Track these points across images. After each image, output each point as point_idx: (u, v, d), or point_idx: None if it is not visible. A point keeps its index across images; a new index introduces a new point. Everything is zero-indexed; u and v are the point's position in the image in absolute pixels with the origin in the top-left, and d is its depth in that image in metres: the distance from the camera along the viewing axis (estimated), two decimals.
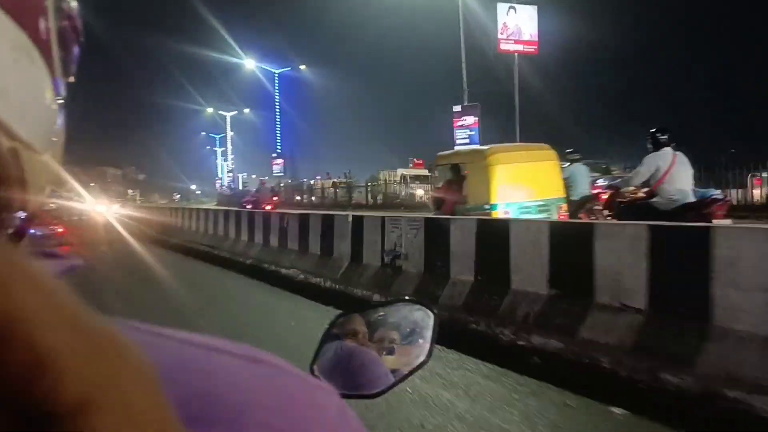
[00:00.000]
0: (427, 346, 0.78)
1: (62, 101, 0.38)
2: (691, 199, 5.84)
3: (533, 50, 25.37)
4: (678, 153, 6.12)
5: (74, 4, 0.39)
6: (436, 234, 6.08)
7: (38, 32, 0.33)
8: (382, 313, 0.82)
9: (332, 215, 8.61)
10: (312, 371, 0.72)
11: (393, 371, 0.75)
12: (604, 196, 8.00)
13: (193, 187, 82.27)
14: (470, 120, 25.84)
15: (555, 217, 7.60)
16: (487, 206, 7.46)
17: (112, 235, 15.90)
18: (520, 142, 13.99)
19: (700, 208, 5.64)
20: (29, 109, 0.33)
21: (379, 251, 6.93)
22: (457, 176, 8.41)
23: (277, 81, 56.17)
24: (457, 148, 18.69)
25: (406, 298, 0.86)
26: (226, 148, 71.54)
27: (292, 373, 0.33)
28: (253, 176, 59.64)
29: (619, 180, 8.97)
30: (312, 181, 45.95)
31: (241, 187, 47.79)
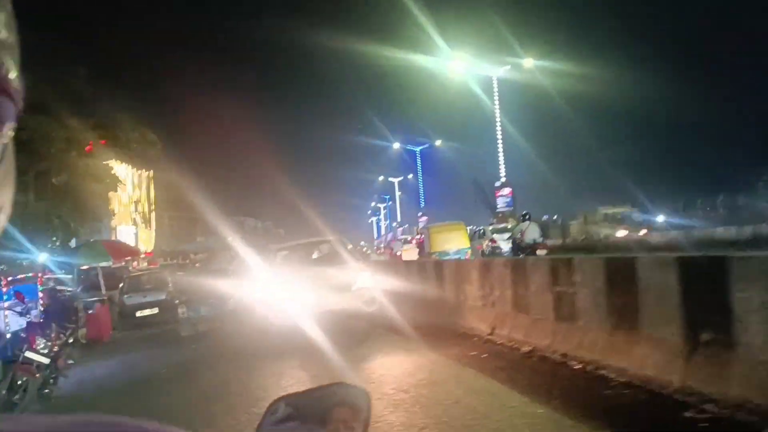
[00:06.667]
0: (361, 429, 0.77)
1: None
2: (532, 243, 14.62)
3: None
4: (532, 222, 14.93)
5: None
6: None
7: None
8: (319, 396, 0.82)
9: None
10: None
11: None
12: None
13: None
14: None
15: (463, 258, 17.07)
16: (432, 253, 18.44)
17: None
18: None
19: (534, 247, 14.43)
20: None
21: None
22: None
23: (419, 156, 69.98)
24: None
25: (347, 382, 0.84)
26: (385, 208, 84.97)
27: None
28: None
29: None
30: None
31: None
